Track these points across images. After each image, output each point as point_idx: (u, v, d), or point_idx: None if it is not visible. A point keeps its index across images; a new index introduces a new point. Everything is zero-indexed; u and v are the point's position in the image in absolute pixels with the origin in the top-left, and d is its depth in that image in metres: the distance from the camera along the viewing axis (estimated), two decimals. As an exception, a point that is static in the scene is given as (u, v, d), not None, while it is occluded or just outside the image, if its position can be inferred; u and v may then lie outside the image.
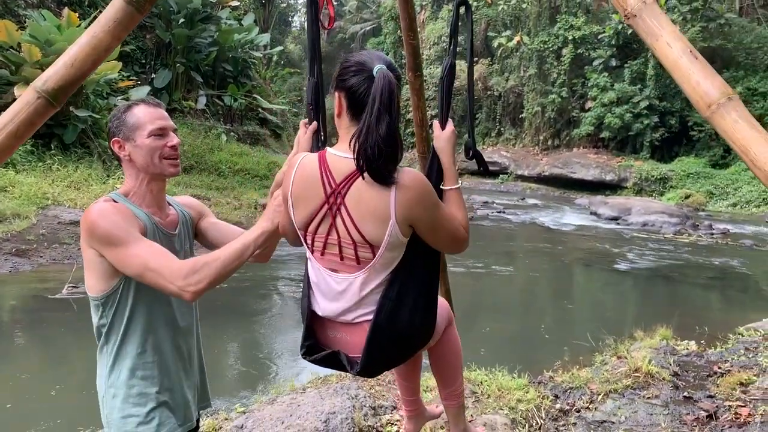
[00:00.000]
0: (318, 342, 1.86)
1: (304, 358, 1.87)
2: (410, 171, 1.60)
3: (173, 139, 1.83)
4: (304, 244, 1.76)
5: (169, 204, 1.98)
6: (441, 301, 1.98)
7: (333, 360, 1.83)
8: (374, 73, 1.57)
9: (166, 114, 1.85)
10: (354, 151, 1.53)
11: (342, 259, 1.68)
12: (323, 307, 1.79)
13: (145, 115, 1.78)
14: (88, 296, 1.81)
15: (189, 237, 2.01)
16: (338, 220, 1.63)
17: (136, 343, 1.79)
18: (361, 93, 1.59)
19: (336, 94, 1.66)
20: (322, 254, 1.71)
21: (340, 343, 1.81)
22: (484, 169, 2.11)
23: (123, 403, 1.77)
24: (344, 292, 1.72)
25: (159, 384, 1.81)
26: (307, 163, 1.67)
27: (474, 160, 2.00)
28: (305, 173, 1.66)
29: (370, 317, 1.71)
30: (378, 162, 1.51)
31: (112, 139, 1.80)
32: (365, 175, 1.55)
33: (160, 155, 1.80)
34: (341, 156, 1.62)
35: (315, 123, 1.92)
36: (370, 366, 1.77)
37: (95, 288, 1.78)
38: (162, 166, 1.81)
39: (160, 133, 1.80)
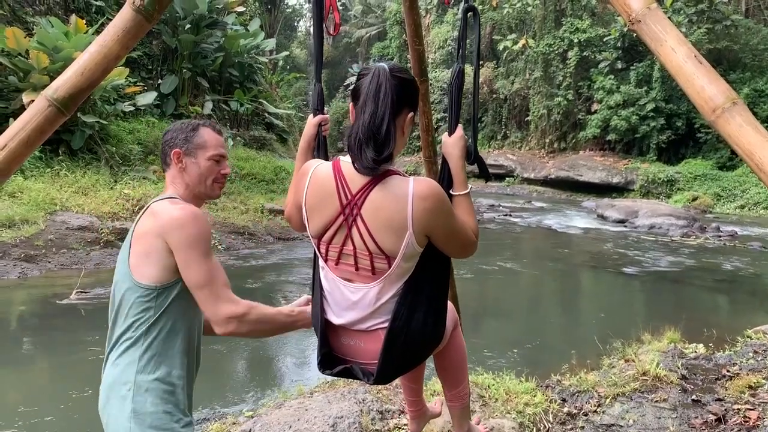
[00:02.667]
0: (332, 350, 1.85)
1: (321, 371, 1.87)
2: (425, 180, 1.60)
3: (226, 168, 2.00)
4: (317, 252, 1.75)
5: None
6: (448, 304, 1.99)
7: (348, 373, 1.84)
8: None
9: (224, 143, 2.02)
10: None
11: (357, 269, 1.67)
12: (337, 315, 1.78)
13: (211, 139, 1.95)
14: (136, 283, 1.80)
15: None
16: (354, 230, 1.62)
17: (178, 342, 1.84)
18: (360, 93, 1.62)
19: (350, 103, 1.70)
20: (337, 264, 1.70)
21: (354, 350, 1.81)
22: (485, 175, 2.10)
23: (156, 399, 1.77)
24: (359, 302, 1.71)
25: (186, 387, 1.87)
26: (321, 172, 1.67)
27: (476, 165, 2.00)
28: (319, 183, 1.66)
29: (385, 325, 1.71)
30: (359, 152, 1.52)
31: (174, 149, 1.92)
32: (380, 185, 1.56)
33: (213, 179, 1.96)
34: None
35: (324, 116, 1.99)
36: (385, 372, 1.78)
37: (153, 277, 1.79)
38: (212, 188, 1.97)
39: (219, 159, 1.96)
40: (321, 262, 1.77)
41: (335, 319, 1.79)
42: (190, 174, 1.92)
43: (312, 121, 1.98)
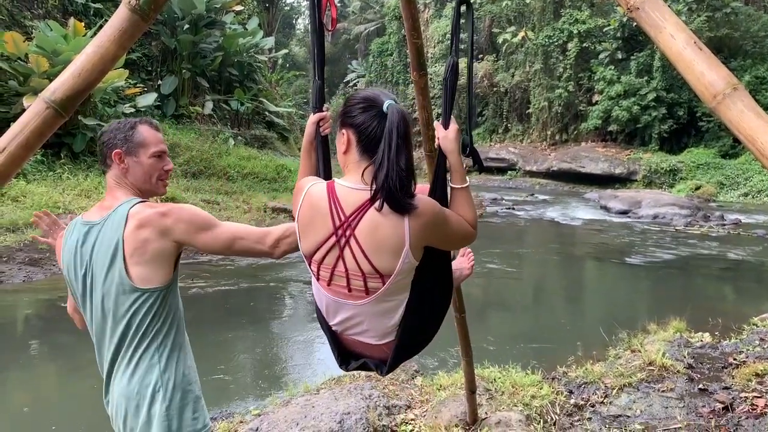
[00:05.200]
0: (343, 348, 1.88)
1: (342, 369, 1.94)
2: (418, 197, 1.60)
3: (169, 164, 2.01)
4: (310, 270, 1.76)
5: None
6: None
7: (365, 366, 1.89)
8: (385, 108, 1.57)
9: (163, 138, 2.04)
10: (374, 182, 1.53)
11: (350, 291, 1.67)
12: (337, 324, 1.80)
13: (150, 137, 1.95)
14: (142, 290, 1.80)
15: None
16: (347, 251, 1.61)
17: (183, 336, 1.93)
18: (373, 128, 1.58)
19: (343, 131, 1.65)
20: (329, 284, 1.71)
21: (361, 353, 1.86)
22: (479, 167, 2.09)
23: (184, 397, 1.87)
24: (353, 318, 1.73)
25: (196, 377, 1.95)
26: (315, 192, 1.66)
27: (470, 157, 1.99)
28: (312, 203, 1.65)
29: (388, 339, 1.75)
30: (400, 193, 1.51)
31: (114, 150, 1.90)
32: (380, 206, 1.55)
33: (158, 176, 1.97)
34: (351, 188, 1.61)
35: (322, 113, 1.96)
36: (395, 368, 1.88)
37: (161, 279, 1.83)
38: (157, 185, 1.98)
39: (160, 155, 1.97)
40: (314, 279, 1.78)
41: (336, 327, 1.82)
42: (134, 173, 1.92)
43: (311, 119, 1.96)
